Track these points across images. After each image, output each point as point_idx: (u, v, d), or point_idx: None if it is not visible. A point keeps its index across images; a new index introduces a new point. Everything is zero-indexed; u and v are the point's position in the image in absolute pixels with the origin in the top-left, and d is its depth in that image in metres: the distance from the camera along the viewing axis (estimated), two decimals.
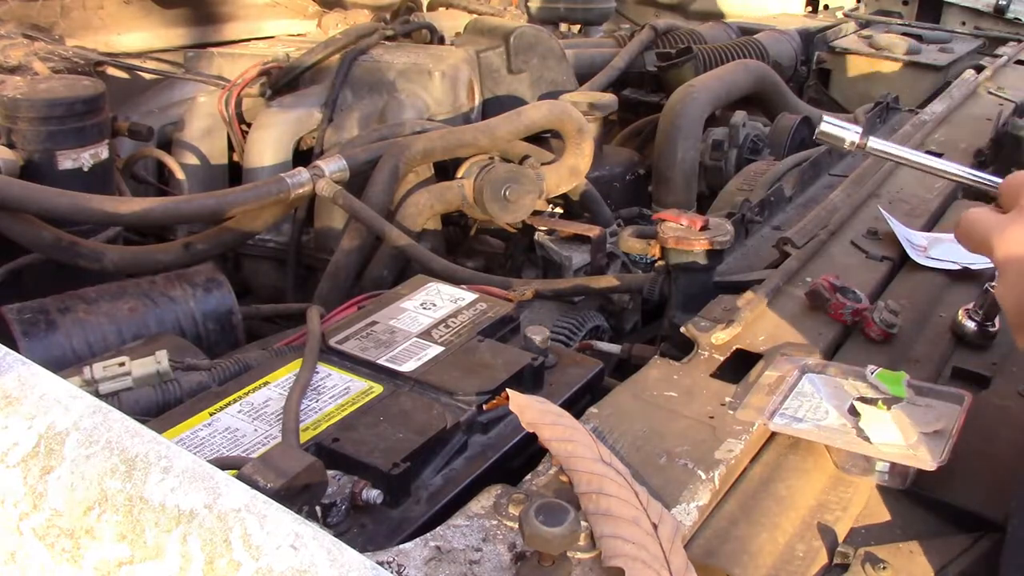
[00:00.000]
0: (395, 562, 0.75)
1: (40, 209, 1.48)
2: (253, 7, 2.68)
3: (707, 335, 1.17)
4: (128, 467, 0.65)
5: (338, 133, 2.02)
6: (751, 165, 2.20)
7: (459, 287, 1.29)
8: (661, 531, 0.77)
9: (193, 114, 2.18)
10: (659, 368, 1.11)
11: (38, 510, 0.65)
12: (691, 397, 1.04)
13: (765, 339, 1.18)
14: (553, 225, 1.91)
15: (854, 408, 0.97)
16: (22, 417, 0.70)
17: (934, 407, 0.97)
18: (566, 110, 1.93)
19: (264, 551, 0.59)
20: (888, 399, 0.98)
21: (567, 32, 3.43)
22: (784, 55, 3.11)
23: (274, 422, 0.98)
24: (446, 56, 2.14)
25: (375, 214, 1.69)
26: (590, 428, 0.94)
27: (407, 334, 1.15)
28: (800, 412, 0.98)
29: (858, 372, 1.04)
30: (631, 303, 1.78)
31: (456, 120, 2.09)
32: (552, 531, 0.71)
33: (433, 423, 0.96)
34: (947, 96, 2.39)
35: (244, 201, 1.62)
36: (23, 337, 1.27)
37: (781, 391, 1.01)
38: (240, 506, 0.62)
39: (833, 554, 0.85)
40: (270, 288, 2.06)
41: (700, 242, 1.33)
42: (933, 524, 0.90)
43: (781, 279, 1.32)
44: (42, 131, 1.64)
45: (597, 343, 1.52)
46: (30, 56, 1.98)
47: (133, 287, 1.43)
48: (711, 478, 0.90)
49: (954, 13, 3.80)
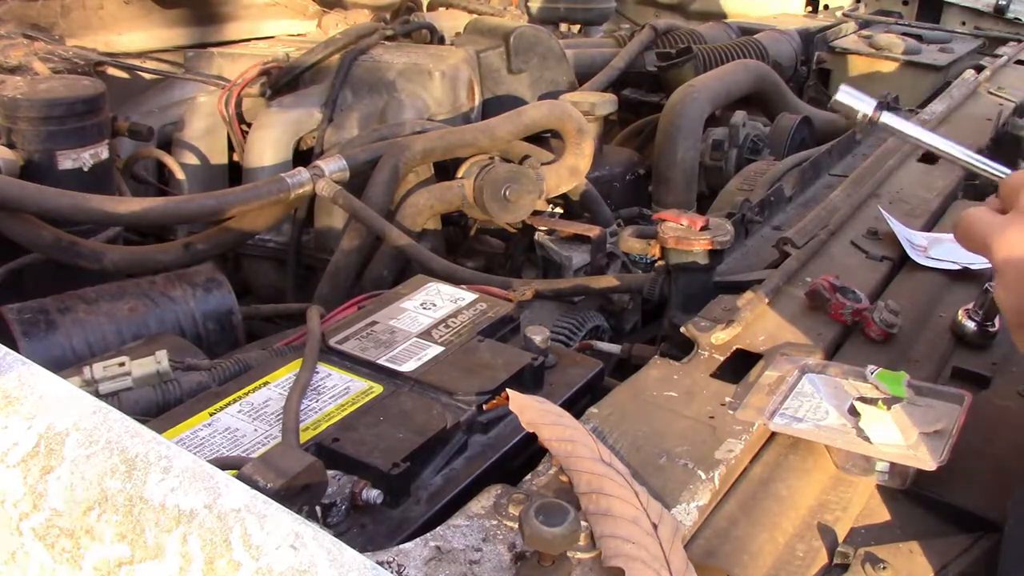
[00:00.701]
0: (395, 562, 0.75)
1: (40, 209, 1.48)
2: (253, 7, 2.68)
3: (707, 335, 1.17)
4: (128, 467, 0.65)
5: (338, 133, 2.02)
6: (751, 165, 2.20)
7: (459, 287, 1.29)
8: (661, 531, 0.77)
9: (193, 114, 2.18)
10: (659, 368, 1.11)
11: (38, 510, 0.65)
12: (691, 397, 1.04)
13: (765, 339, 1.18)
14: (553, 225, 1.91)
15: (854, 408, 0.97)
16: (22, 417, 0.70)
17: (934, 407, 0.97)
18: (566, 110, 1.93)
19: (264, 551, 0.59)
20: (888, 399, 0.98)
21: (567, 32, 3.43)
22: (784, 55, 3.11)
23: (274, 422, 0.98)
24: (446, 56, 2.14)
25: (375, 214, 1.69)
26: (590, 428, 0.94)
27: (407, 334, 1.15)
28: (800, 412, 0.98)
29: (858, 372, 1.04)
30: (631, 303, 1.78)
31: (456, 120, 2.08)
32: (552, 531, 0.71)
33: (433, 423, 0.96)
34: (947, 96, 2.39)
35: (244, 201, 1.62)
36: (23, 337, 1.27)
37: (781, 391, 1.01)
38: (240, 506, 0.62)
39: (833, 554, 0.85)
40: (270, 288, 2.06)
41: (700, 242, 1.33)
42: (933, 524, 0.90)
43: (781, 279, 1.32)
44: (42, 131, 1.64)
45: (597, 343, 1.52)
46: (30, 56, 1.98)
47: (133, 287, 1.43)
48: (711, 478, 0.90)
49: (954, 13, 3.80)
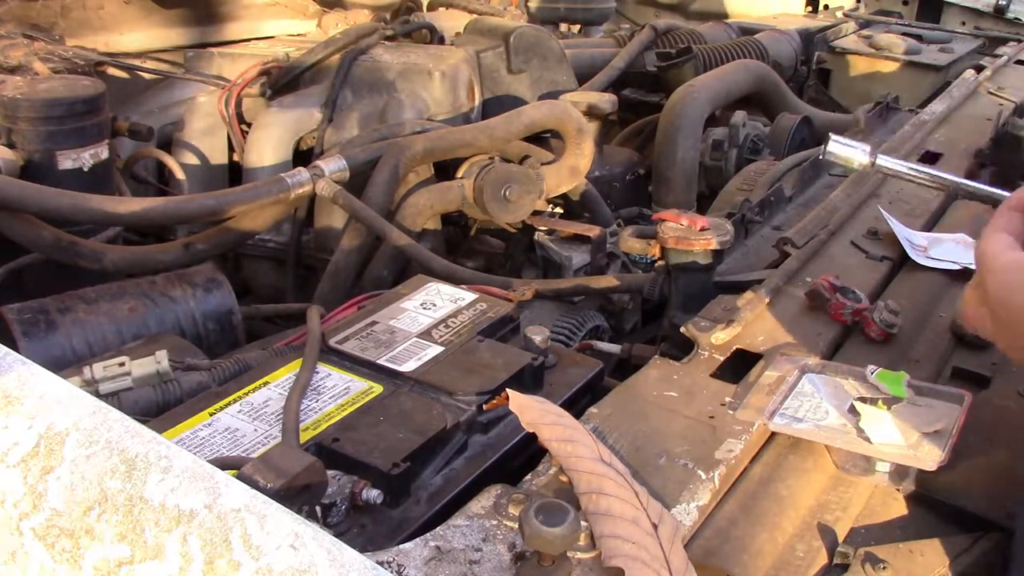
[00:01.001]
0: (395, 562, 0.75)
1: (40, 209, 1.48)
2: (253, 7, 2.68)
3: (707, 335, 1.17)
4: (128, 467, 0.65)
5: (338, 133, 2.02)
6: (751, 165, 2.20)
7: (459, 287, 1.29)
8: (661, 531, 0.77)
9: (193, 114, 2.18)
10: (659, 368, 1.11)
11: (38, 510, 0.65)
12: (691, 397, 1.04)
13: (765, 339, 1.18)
14: (553, 225, 1.91)
15: (854, 408, 0.97)
16: (22, 417, 0.70)
17: (934, 407, 0.97)
18: (566, 110, 1.93)
19: (264, 551, 0.59)
20: (888, 399, 0.98)
21: (567, 32, 3.43)
22: (784, 55, 3.11)
23: (274, 422, 0.98)
24: (446, 56, 2.14)
25: (375, 214, 1.69)
26: (590, 428, 0.94)
27: (407, 334, 1.15)
28: (800, 412, 0.98)
29: (858, 372, 1.04)
30: (631, 303, 1.78)
31: (456, 120, 2.08)
32: (552, 531, 0.71)
33: (433, 423, 0.96)
34: (947, 96, 2.39)
35: (244, 201, 1.62)
36: (23, 337, 1.27)
37: (781, 391, 1.01)
38: (240, 506, 0.62)
39: (833, 554, 0.85)
40: (270, 288, 2.05)
41: (700, 242, 1.33)
42: (933, 524, 0.90)
43: (781, 279, 1.32)
44: (42, 131, 1.64)
45: (597, 343, 1.52)
46: (30, 56, 1.98)
47: (133, 287, 1.43)
48: (711, 478, 0.90)
49: (954, 13, 3.80)
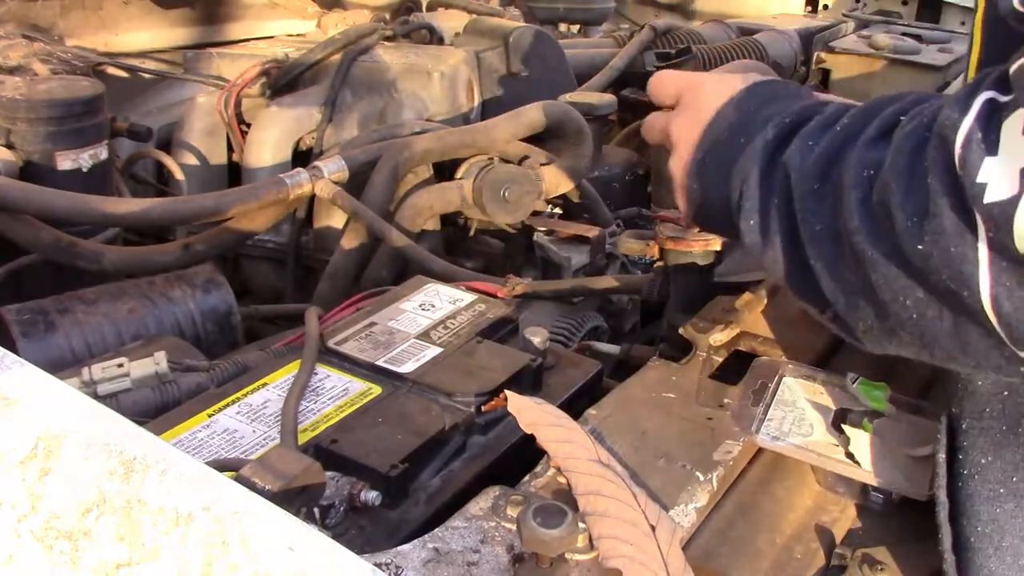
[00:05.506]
0: (393, 564, 0.75)
1: (39, 210, 1.48)
2: (253, 7, 2.68)
3: (706, 336, 1.17)
4: (126, 469, 0.65)
5: (338, 133, 2.02)
6: None
7: (457, 287, 1.29)
8: (659, 532, 0.77)
9: (193, 114, 2.17)
10: (658, 369, 1.11)
11: (36, 512, 0.65)
12: (690, 398, 1.04)
13: (764, 340, 1.18)
14: (552, 225, 1.90)
15: (838, 423, 0.96)
16: (20, 419, 0.70)
17: (916, 424, 0.95)
18: (566, 110, 1.93)
19: (262, 553, 0.59)
20: (870, 412, 0.96)
21: (567, 32, 3.43)
22: (784, 55, 3.11)
23: (273, 423, 0.98)
24: (446, 56, 2.14)
25: (374, 215, 1.69)
26: (588, 429, 0.94)
27: (406, 335, 1.15)
28: (784, 425, 0.96)
29: (838, 380, 1.02)
30: (630, 304, 1.78)
31: (456, 121, 2.08)
32: (550, 533, 0.71)
33: (432, 424, 0.96)
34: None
35: (243, 201, 1.62)
36: (22, 338, 1.27)
37: (763, 400, 1.00)
38: (238, 508, 0.62)
39: (831, 555, 0.86)
40: (269, 289, 2.05)
41: (699, 242, 1.32)
42: (931, 525, 0.90)
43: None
44: (41, 132, 1.64)
45: (596, 344, 1.52)
46: (29, 56, 1.98)
47: (132, 288, 1.43)
48: (709, 480, 0.90)
49: (954, 13, 3.80)
